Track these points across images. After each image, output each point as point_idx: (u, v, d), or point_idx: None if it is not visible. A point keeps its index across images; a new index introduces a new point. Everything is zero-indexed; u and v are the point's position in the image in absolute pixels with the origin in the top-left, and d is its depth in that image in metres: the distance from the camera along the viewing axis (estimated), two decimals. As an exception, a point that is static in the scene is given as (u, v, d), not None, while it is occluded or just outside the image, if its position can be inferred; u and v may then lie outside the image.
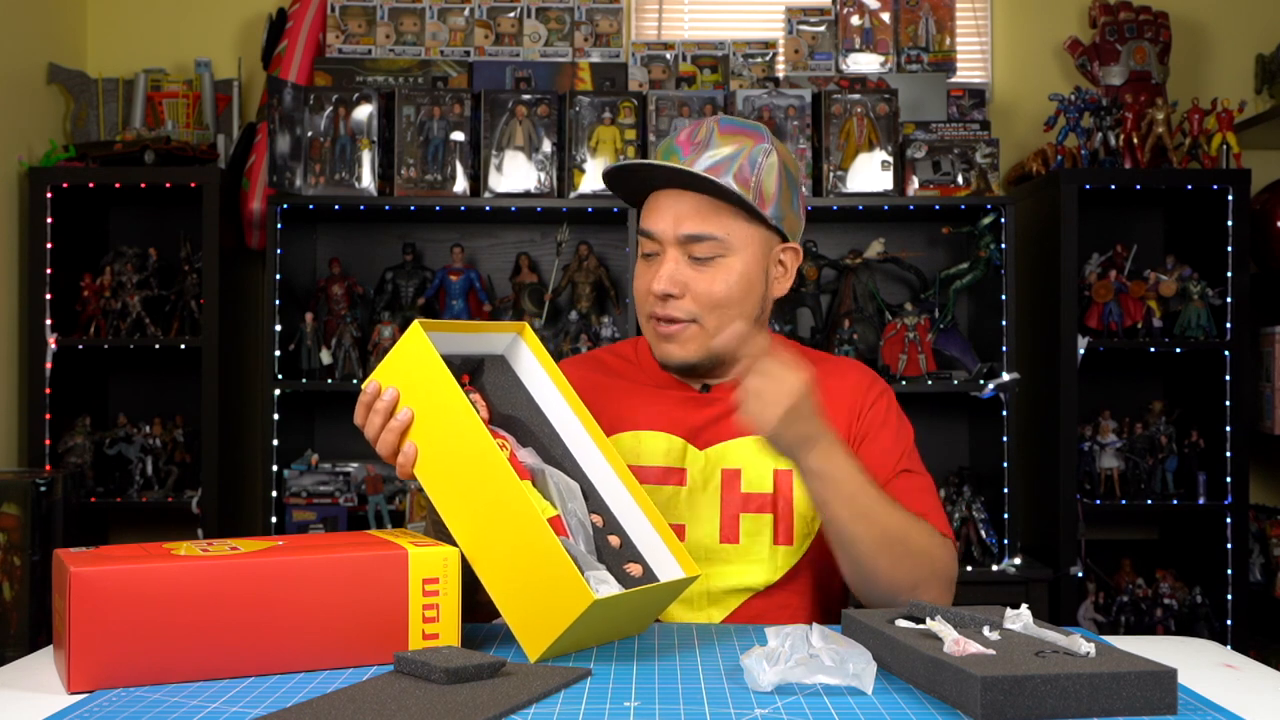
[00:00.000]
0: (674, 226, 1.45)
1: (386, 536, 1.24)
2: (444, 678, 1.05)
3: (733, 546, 1.48)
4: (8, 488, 2.61)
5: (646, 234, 1.48)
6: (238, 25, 3.39)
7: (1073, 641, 1.06)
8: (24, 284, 3.00)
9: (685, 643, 1.27)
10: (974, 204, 2.93)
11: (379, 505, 2.99)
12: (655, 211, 1.48)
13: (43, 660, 1.19)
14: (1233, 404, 2.94)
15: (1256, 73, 3.32)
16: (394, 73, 3.17)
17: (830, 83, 3.17)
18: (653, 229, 1.47)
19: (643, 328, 1.53)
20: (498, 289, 3.23)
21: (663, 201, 1.47)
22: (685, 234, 1.45)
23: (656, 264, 1.47)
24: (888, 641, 1.12)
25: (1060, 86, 3.27)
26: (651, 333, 1.51)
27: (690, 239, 1.44)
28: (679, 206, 1.46)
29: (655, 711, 1.01)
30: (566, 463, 1.36)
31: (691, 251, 1.45)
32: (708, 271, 1.45)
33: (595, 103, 2.99)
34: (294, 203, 2.92)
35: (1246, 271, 2.96)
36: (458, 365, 1.37)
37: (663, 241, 1.46)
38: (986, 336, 3.04)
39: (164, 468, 3.09)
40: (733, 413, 1.51)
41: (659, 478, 1.50)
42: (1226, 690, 1.09)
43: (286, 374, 2.94)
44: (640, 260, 1.51)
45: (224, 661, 1.10)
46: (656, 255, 1.48)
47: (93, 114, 3.23)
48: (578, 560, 1.21)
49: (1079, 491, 2.97)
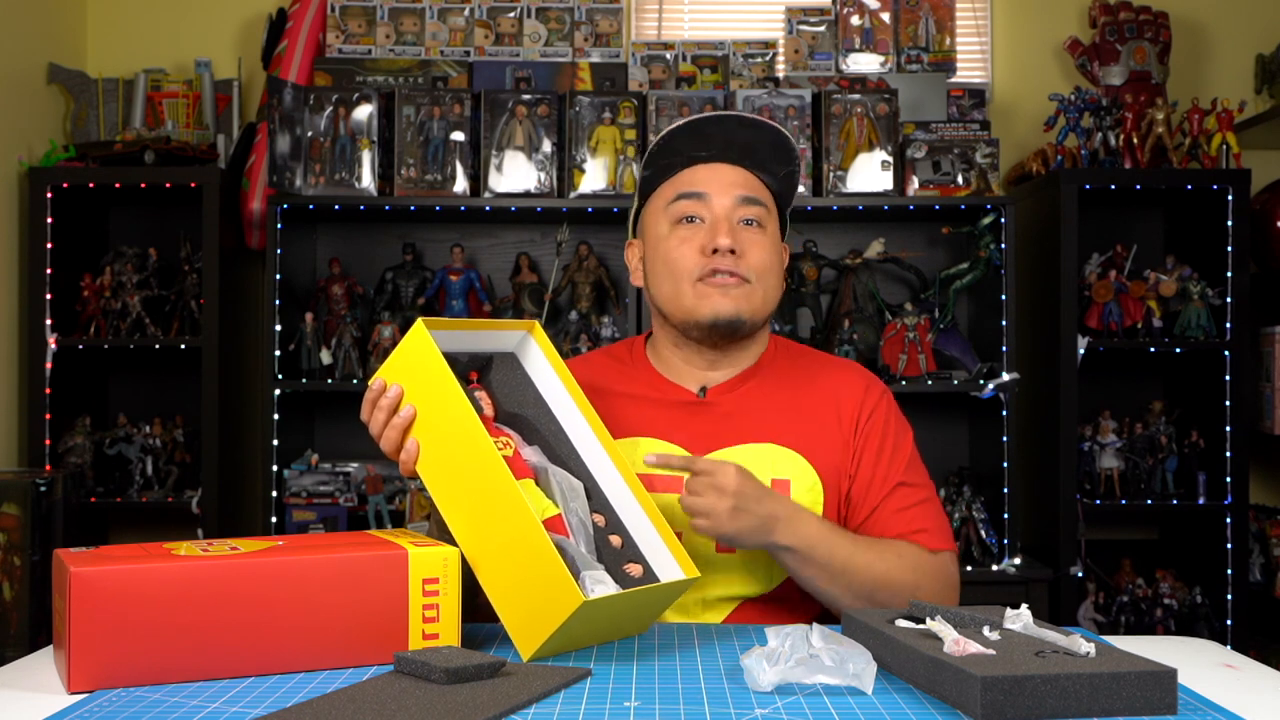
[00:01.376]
0: (729, 189, 1.50)
1: (386, 536, 1.24)
2: (444, 678, 1.05)
3: (729, 555, 1.48)
4: (8, 488, 2.61)
5: (692, 194, 1.50)
6: (238, 25, 3.39)
7: (1073, 641, 1.06)
8: (24, 284, 3.00)
9: (685, 643, 1.27)
10: (974, 204, 2.93)
11: (379, 505, 2.99)
12: (700, 179, 1.51)
13: (43, 660, 1.19)
14: (1233, 404, 2.94)
15: (1256, 73, 3.32)
16: (394, 73, 3.17)
17: (830, 83, 3.17)
18: (704, 189, 1.50)
19: (680, 293, 1.50)
20: (498, 289, 3.23)
21: (705, 172, 1.52)
22: (741, 195, 1.50)
23: (706, 227, 1.49)
24: (888, 641, 1.12)
25: (1060, 86, 3.27)
26: (700, 291, 1.49)
27: (745, 201, 1.50)
28: (727, 174, 1.51)
29: (655, 711, 1.01)
30: (571, 461, 1.36)
31: (743, 215, 1.50)
32: (757, 237, 1.50)
33: (595, 103, 2.99)
34: (294, 203, 2.92)
35: (1246, 271, 2.96)
36: (465, 362, 1.37)
37: (713, 203, 1.49)
38: (986, 336, 3.04)
39: (164, 468, 3.09)
40: (731, 418, 1.52)
41: (657, 485, 1.49)
42: (1226, 690, 1.09)
43: (286, 374, 2.94)
44: (673, 228, 1.51)
45: (224, 661, 1.10)
46: (697, 222, 1.50)
47: (93, 114, 3.23)
48: (575, 560, 1.21)
49: (1079, 491, 2.97)
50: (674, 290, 1.51)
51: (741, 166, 1.52)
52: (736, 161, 1.52)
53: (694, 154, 1.53)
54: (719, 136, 1.51)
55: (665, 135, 1.53)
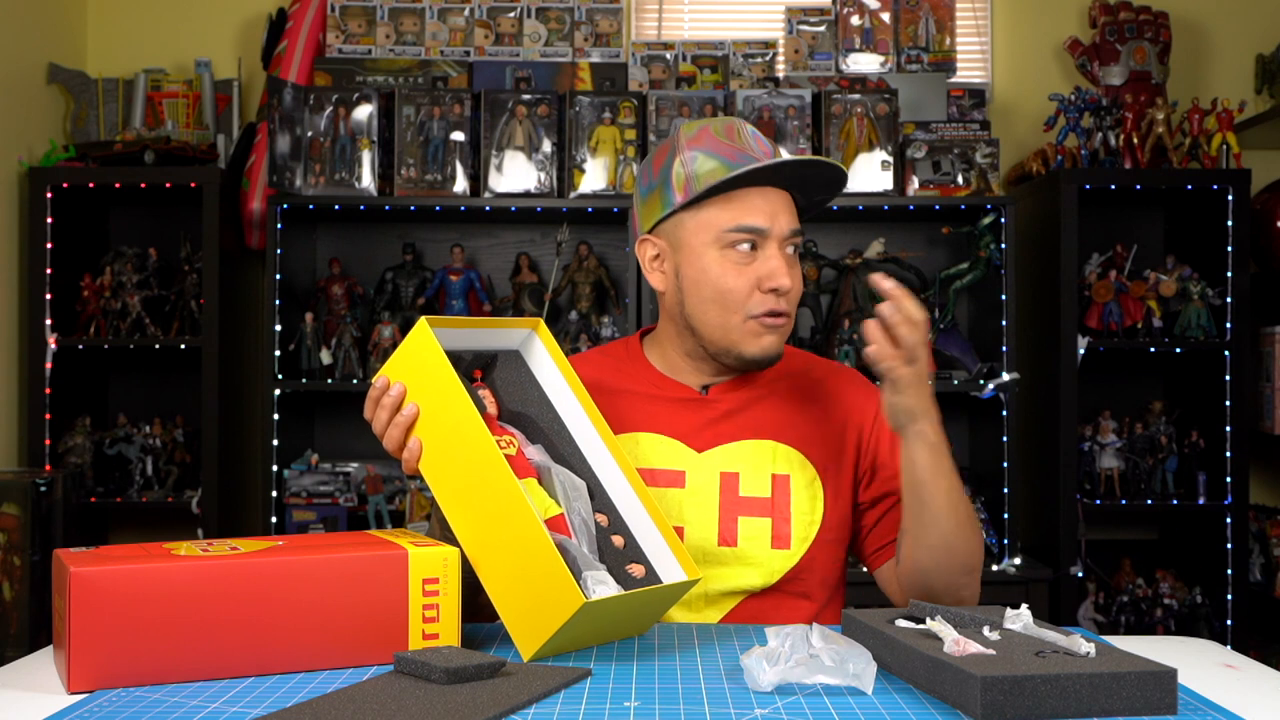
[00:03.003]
0: (784, 222, 1.48)
1: (386, 536, 1.24)
2: (444, 678, 1.05)
3: (730, 549, 1.48)
4: (8, 488, 2.61)
5: (752, 229, 1.45)
6: (238, 25, 3.39)
7: (1073, 641, 1.06)
8: (24, 284, 3.00)
9: (685, 643, 1.27)
10: (974, 204, 2.93)
11: (379, 505, 2.99)
12: (756, 207, 1.46)
13: (43, 660, 1.19)
14: (1233, 404, 2.94)
15: (1256, 73, 3.32)
16: (394, 73, 3.17)
17: (830, 83, 3.17)
18: (764, 225, 1.46)
19: (729, 325, 1.47)
20: (498, 289, 3.23)
21: (758, 198, 1.47)
22: (793, 229, 1.49)
23: (760, 260, 1.46)
24: (888, 641, 1.12)
25: (1060, 86, 3.27)
26: (753, 329, 1.47)
27: (794, 234, 1.49)
28: (777, 202, 1.49)
29: (655, 711, 1.01)
30: (575, 461, 1.36)
31: (790, 245, 1.49)
32: (796, 269, 1.50)
33: (595, 103, 2.99)
34: (294, 203, 2.92)
35: (1246, 271, 2.96)
36: (469, 361, 1.37)
37: (770, 236, 1.47)
38: (986, 336, 3.04)
39: (164, 468, 3.09)
40: (731, 415, 1.52)
41: (657, 480, 1.50)
42: (1226, 690, 1.09)
43: (286, 374, 2.94)
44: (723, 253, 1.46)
45: (224, 661, 1.09)
46: (752, 250, 1.46)
47: (93, 114, 3.23)
48: (577, 561, 1.21)
49: (1079, 491, 2.97)
50: (722, 321, 1.47)
51: (788, 192, 1.50)
52: (786, 187, 1.50)
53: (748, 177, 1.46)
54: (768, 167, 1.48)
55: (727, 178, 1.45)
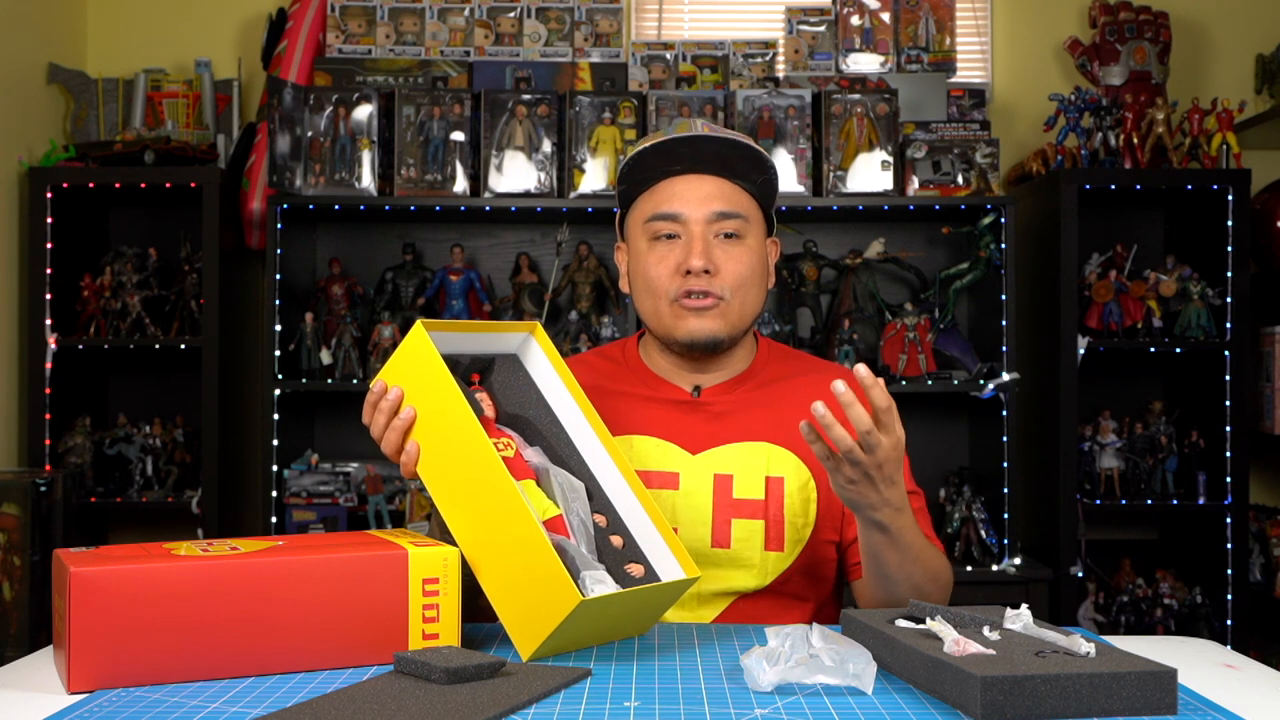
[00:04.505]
0: (702, 205, 1.48)
1: (386, 536, 1.24)
2: (444, 678, 1.05)
3: (724, 551, 1.49)
4: (8, 488, 2.61)
5: (668, 216, 1.49)
6: (238, 25, 3.39)
7: (1073, 641, 1.06)
8: (24, 284, 3.00)
9: (685, 643, 1.27)
10: (974, 204, 2.93)
11: (379, 505, 2.99)
12: (675, 195, 1.50)
13: (43, 660, 1.19)
14: (1233, 404, 2.94)
15: (1256, 73, 3.32)
16: (394, 73, 3.17)
17: (830, 83, 3.17)
18: (678, 210, 1.49)
19: (659, 312, 1.51)
20: (498, 289, 3.23)
21: (681, 186, 1.50)
22: (716, 211, 1.48)
23: (681, 245, 1.49)
24: (888, 641, 1.12)
25: (1060, 86, 3.27)
26: (676, 312, 1.50)
27: (720, 216, 1.48)
28: (702, 187, 1.49)
29: (655, 711, 1.01)
30: (573, 462, 1.36)
31: (719, 230, 1.49)
32: (734, 250, 1.49)
33: (595, 103, 2.99)
34: (294, 203, 2.92)
35: (1246, 271, 2.96)
36: (467, 364, 1.37)
37: (689, 221, 1.48)
38: (986, 336, 3.04)
39: (164, 468, 3.09)
40: (726, 417, 1.52)
41: (651, 481, 1.50)
42: (1226, 690, 1.09)
43: (286, 374, 2.94)
44: (651, 245, 1.51)
45: (224, 661, 1.10)
46: (674, 238, 1.49)
47: (93, 114, 3.23)
48: (575, 560, 1.21)
49: (1079, 491, 2.97)
50: (653, 308, 1.52)
51: (718, 176, 1.50)
52: (712, 172, 1.50)
53: (668, 168, 1.51)
54: (688, 151, 1.50)
55: (634, 156, 1.52)
